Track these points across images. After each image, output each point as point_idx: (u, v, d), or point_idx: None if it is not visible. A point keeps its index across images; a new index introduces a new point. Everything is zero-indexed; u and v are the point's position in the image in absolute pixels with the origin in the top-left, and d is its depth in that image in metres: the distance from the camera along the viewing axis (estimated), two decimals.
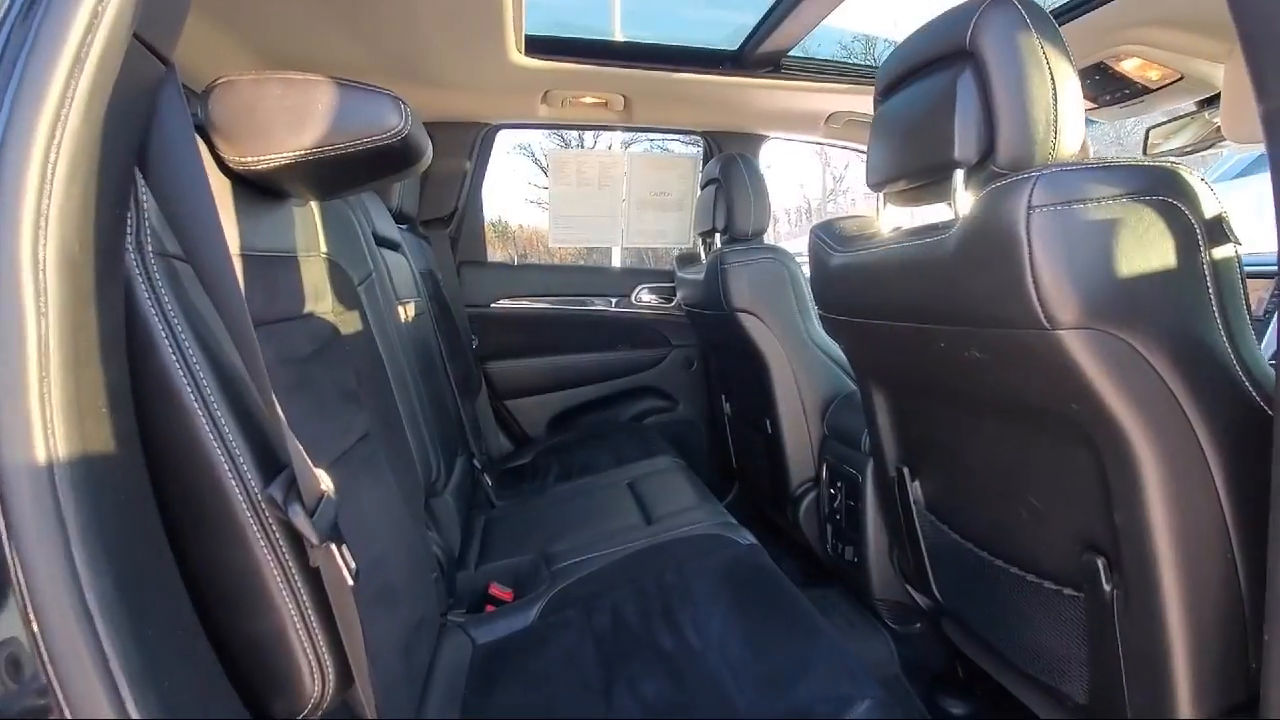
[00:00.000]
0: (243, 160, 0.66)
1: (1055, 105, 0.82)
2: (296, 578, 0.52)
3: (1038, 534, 0.93)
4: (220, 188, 0.66)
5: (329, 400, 0.84)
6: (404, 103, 0.71)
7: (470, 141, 2.10)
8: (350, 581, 0.53)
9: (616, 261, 2.54)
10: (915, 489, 1.20)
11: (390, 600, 0.82)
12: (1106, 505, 0.80)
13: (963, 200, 0.86)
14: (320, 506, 0.52)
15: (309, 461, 0.54)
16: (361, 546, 0.81)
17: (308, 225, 0.91)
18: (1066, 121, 0.83)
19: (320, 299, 0.90)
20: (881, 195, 1.06)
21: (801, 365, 1.64)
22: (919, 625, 1.44)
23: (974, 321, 0.80)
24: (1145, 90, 1.67)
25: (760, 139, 2.24)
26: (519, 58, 1.71)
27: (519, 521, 1.46)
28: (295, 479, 0.50)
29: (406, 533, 0.97)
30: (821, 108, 2.05)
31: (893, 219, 1.08)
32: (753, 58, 1.81)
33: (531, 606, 1.09)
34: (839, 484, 1.52)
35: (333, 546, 0.52)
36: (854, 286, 1.06)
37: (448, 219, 2.13)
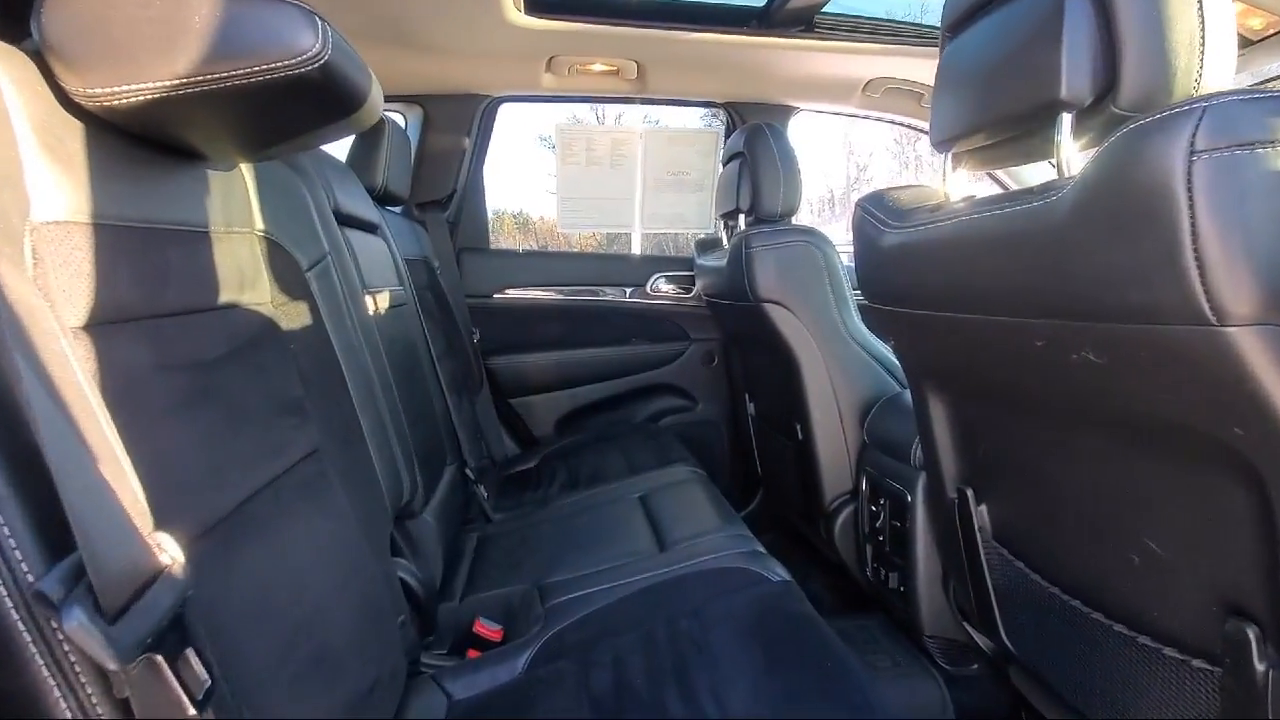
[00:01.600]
0: (91, 93, 0.48)
1: (1202, 24, 0.61)
2: (100, 711, 0.34)
3: (1157, 587, 0.73)
4: (64, 132, 0.48)
5: (253, 414, 0.67)
6: (323, 20, 0.53)
7: (469, 116, 1.91)
8: (191, 710, 0.35)
9: (637, 249, 2.34)
10: (981, 514, 1.00)
11: (326, 669, 0.65)
12: (1269, 560, 0.59)
13: (1071, 153, 0.66)
14: (143, 600, 0.34)
15: (135, 526, 0.36)
16: (288, 603, 0.63)
17: (234, 194, 0.73)
18: (1215, 46, 0.62)
19: (250, 287, 0.72)
20: (949, 157, 0.85)
21: (837, 363, 1.44)
22: (976, 667, 1.24)
23: (1093, 313, 0.60)
24: (1246, 41, 1.43)
25: (788, 111, 2.02)
26: (519, 17, 1.52)
27: (515, 541, 1.28)
28: (86, 563, 0.32)
29: (362, 571, 0.79)
30: (859, 73, 1.83)
31: (961, 187, 0.87)
32: (782, 14, 1.60)
33: (520, 654, 0.91)
34: (882, 500, 1.31)
35: (160, 661, 0.34)
36: (914, 270, 0.85)
37: (445, 202, 1.95)
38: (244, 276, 0.71)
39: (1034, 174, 1.93)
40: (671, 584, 0.98)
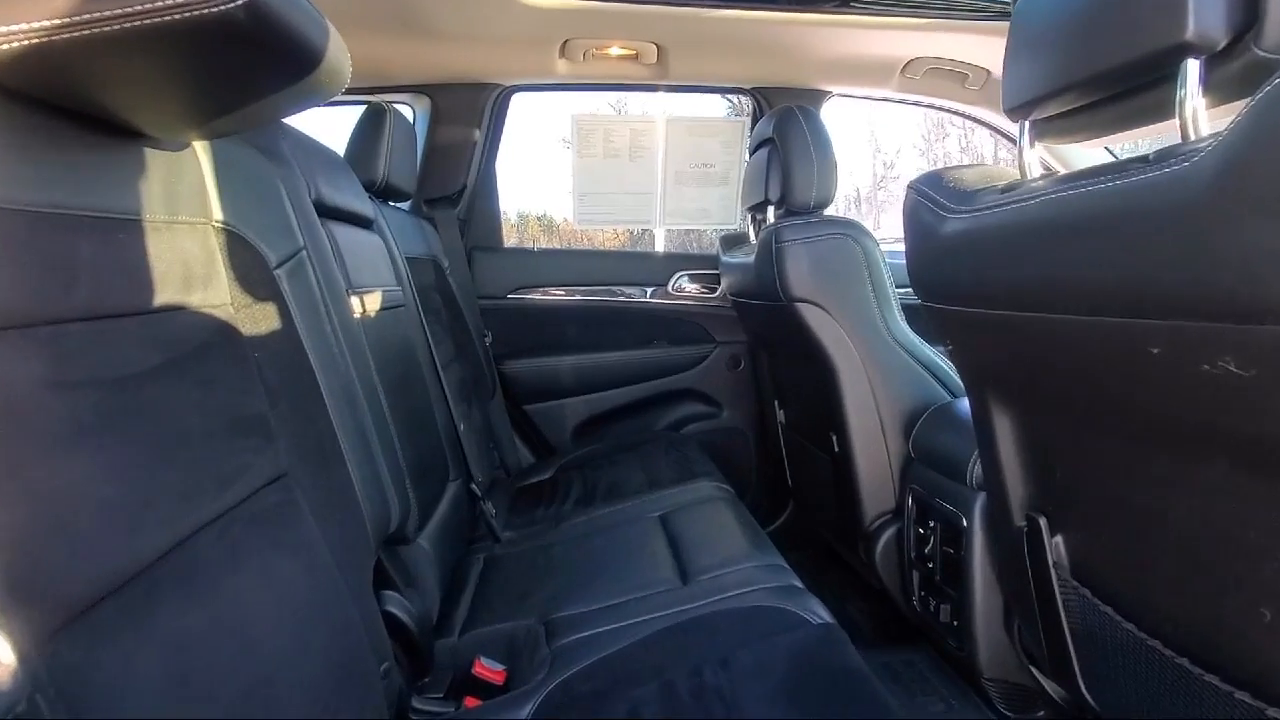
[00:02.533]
0: None
1: None
2: None
3: None
4: None
5: (195, 437, 0.56)
6: None
7: (480, 107, 1.81)
8: None
9: (660, 245, 2.23)
10: (1056, 548, 0.86)
11: None
12: None
13: (1200, 110, 0.52)
14: None
15: None
16: (232, 667, 0.52)
17: (184, 178, 0.63)
18: None
19: (201, 286, 0.62)
20: (1027, 125, 0.72)
21: (879, 369, 1.30)
22: (1043, 714, 1.09)
23: (1240, 312, 0.46)
24: None
25: (820, 96, 1.88)
26: None
27: (524, 565, 1.17)
28: None
29: (335, 615, 0.69)
30: (898, 52, 1.69)
31: (1036, 163, 0.74)
32: None
33: (522, 706, 0.79)
34: (931, 523, 1.18)
35: None
36: (983, 261, 0.72)
37: (455, 198, 1.85)
38: (192, 273, 0.61)
39: (1080, 156, 1.78)
40: (695, 625, 0.86)
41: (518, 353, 1.95)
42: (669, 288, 2.02)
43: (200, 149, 0.66)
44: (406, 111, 1.80)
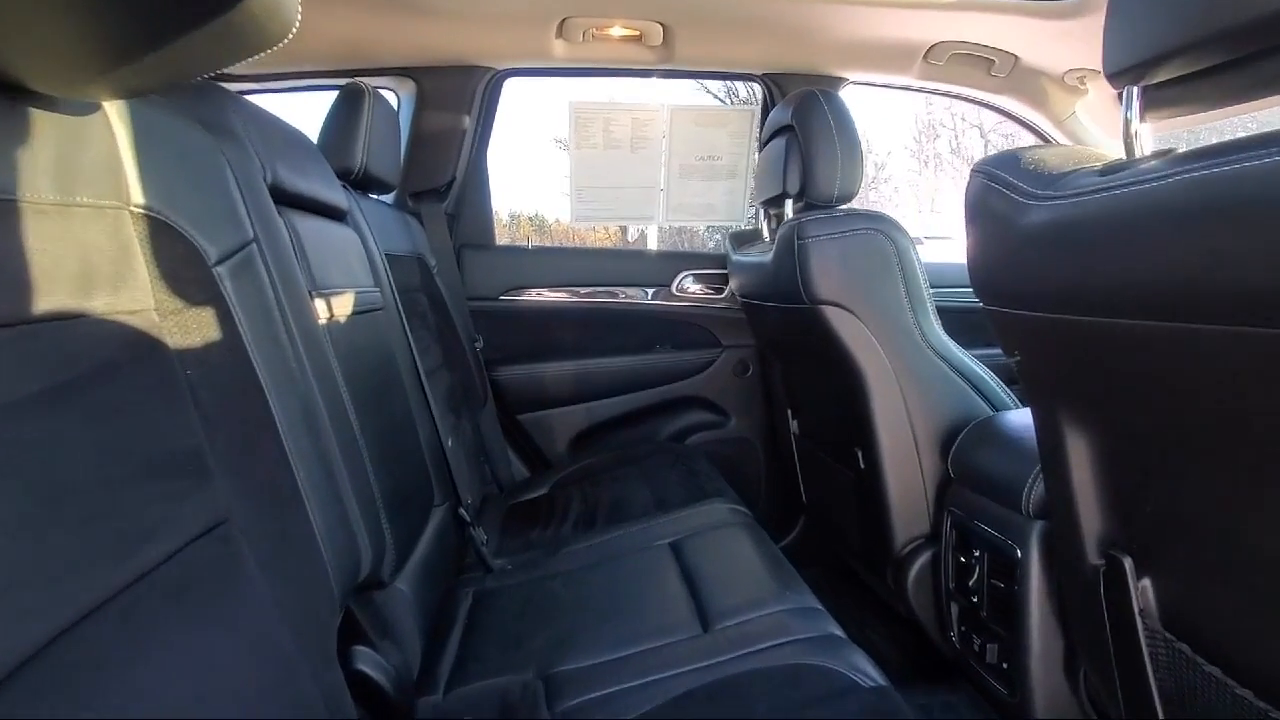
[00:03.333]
0: None
1: None
2: None
3: None
4: None
5: (98, 482, 0.43)
6: None
7: (470, 92, 1.67)
8: None
9: (653, 244, 2.11)
10: (1144, 592, 0.74)
11: None
12: None
13: None
14: None
15: None
16: None
17: (87, 150, 0.49)
18: None
19: (110, 287, 0.49)
20: (1135, 91, 0.59)
21: (912, 378, 1.18)
22: None
23: None
24: None
25: (836, 84, 1.76)
26: None
27: (519, 602, 1.04)
28: None
29: (287, 692, 0.55)
30: (921, 36, 1.57)
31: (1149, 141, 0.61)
32: None
33: None
34: (976, 552, 1.05)
35: None
36: (1084, 258, 0.59)
37: (443, 191, 1.72)
38: (95, 271, 0.48)
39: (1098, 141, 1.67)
40: (722, 687, 0.73)
41: (511, 358, 1.81)
42: (672, 288, 1.89)
43: (115, 114, 0.53)
44: (390, 97, 1.66)
